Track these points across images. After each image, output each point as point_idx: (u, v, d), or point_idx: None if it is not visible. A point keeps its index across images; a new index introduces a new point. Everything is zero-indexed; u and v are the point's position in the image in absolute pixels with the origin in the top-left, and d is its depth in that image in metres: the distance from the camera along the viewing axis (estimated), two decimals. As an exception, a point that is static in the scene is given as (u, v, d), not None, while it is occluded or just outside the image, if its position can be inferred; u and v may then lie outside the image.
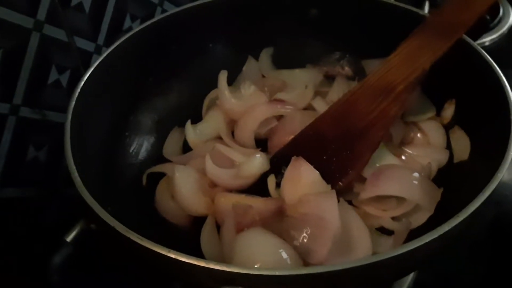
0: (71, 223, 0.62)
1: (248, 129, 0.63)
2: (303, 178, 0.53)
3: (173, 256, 0.38)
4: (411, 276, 0.56)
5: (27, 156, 0.64)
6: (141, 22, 0.76)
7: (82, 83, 0.55)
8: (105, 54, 0.59)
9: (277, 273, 0.37)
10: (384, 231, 0.53)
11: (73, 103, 0.52)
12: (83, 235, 0.43)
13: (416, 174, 0.52)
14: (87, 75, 0.56)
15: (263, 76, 0.72)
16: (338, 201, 0.50)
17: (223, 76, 0.64)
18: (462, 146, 0.58)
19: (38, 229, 0.65)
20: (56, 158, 0.68)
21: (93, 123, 0.55)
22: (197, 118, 0.67)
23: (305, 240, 0.49)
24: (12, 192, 0.62)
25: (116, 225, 0.40)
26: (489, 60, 0.55)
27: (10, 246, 0.62)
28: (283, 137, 0.61)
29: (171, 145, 0.65)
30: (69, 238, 0.42)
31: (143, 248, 0.39)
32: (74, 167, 0.45)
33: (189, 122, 0.65)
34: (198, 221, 0.55)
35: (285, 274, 0.37)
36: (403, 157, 0.58)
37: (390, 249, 0.49)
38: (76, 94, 0.54)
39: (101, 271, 0.52)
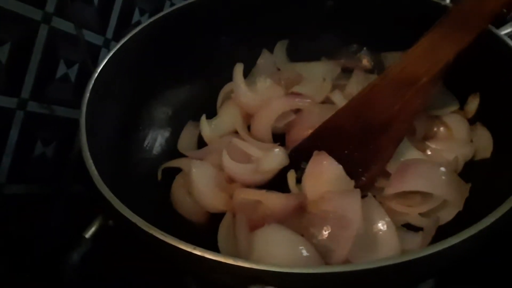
0: (78, 220, 0.61)
1: (265, 123, 0.61)
2: (325, 173, 0.52)
3: (198, 253, 0.36)
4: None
5: (35, 152, 0.63)
6: (150, 16, 0.75)
7: (94, 77, 0.54)
8: (115, 49, 0.58)
9: (306, 271, 0.36)
10: (410, 228, 0.52)
11: (87, 97, 0.51)
12: (101, 232, 0.41)
13: (443, 169, 0.51)
14: (100, 68, 0.55)
15: (278, 69, 0.70)
16: (363, 197, 0.48)
17: (239, 69, 0.62)
18: (485, 143, 0.57)
19: (44, 226, 0.64)
20: (64, 155, 0.67)
21: (107, 118, 0.54)
22: (211, 112, 0.66)
23: (325, 239, 0.47)
24: (19, 189, 0.61)
25: (137, 221, 0.38)
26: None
27: (16, 243, 0.61)
28: (302, 131, 0.59)
29: (186, 139, 0.63)
30: (88, 235, 0.40)
31: (166, 245, 0.37)
32: (92, 162, 0.43)
33: (203, 117, 0.63)
34: (215, 217, 0.54)
35: (314, 272, 0.36)
36: (429, 152, 0.57)
37: (419, 247, 0.48)
38: (89, 88, 0.52)
39: (115, 268, 0.51)
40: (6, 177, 0.58)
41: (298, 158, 0.56)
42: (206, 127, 0.63)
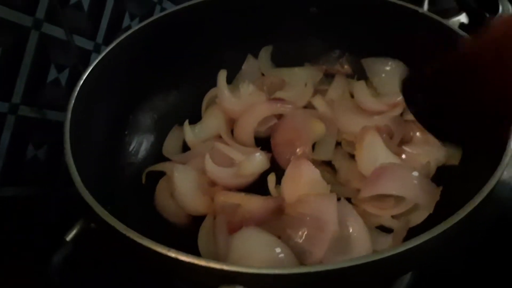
0: (71, 222, 0.63)
1: (247, 128, 0.63)
2: (303, 177, 0.53)
3: (173, 255, 0.38)
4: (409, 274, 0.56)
5: (27, 155, 0.64)
6: (140, 21, 0.76)
7: (81, 81, 0.55)
8: (104, 53, 0.59)
9: (275, 271, 0.37)
10: (383, 229, 0.53)
11: (73, 102, 0.52)
12: (83, 234, 0.42)
13: (415, 174, 0.52)
14: (86, 73, 0.56)
15: (263, 74, 0.72)
16: (339, 199, 0.50)
17: (222, 76, 0.64)
18: (455, 150, 0.58)
19: (37, 228, 0.65)
20: (56, 157, 0.68)
21: (93, 122, 0.55)
22: (196, 117, 0.67)
23: (301, 240, 0.49)
24: (11, 191, 0.62)
25: (116, 224, 0.40)
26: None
27: (9, 245, 0.62)
28: (285, 135, 0.61)
29: (170, 143, 0.64)
30: (69, 237, 0.42)
31: (143, 247, 0.39)
32: (74, 166, 0.45)
33: (187, 122, 0.65)
34: (197, 220, 0.55)
35: (283, 273, 0.37)
36: (404, 156, 0.58)
37: (389, 247, 0.49)
38: (76, 93, 0.53)
39: (101, 270, 0.52)
40: (-2, 180, 0.59)
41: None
42: (189, 133, 0.64)
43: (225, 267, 0.37)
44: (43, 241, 0.64)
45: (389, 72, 0.65)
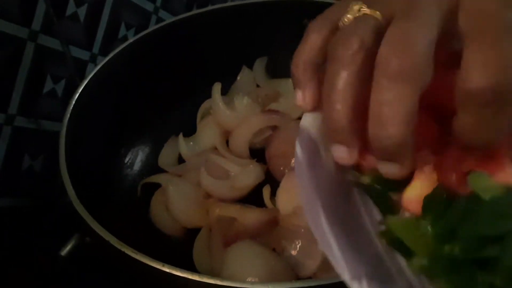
0: (67, 233, 0.63)
1: (242, 140, 0.63)
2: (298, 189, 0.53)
3: (167, 270, 0.38)
4: None
5: (22, 166, 0.64)
6: (136, 31, 0.77)
7: (78, 94, 0.55)
8: (101, 64, 0.59)
9: (269, 287, 0.37)
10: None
11: (68, 114, 0.53)
12: (78, 249, 0.43)
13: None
14: (83, 85, 0.56)
15: (258, 86, 0.72)
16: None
17: (217, 88, 0.64)
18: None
19: (33, 239, 0.66)
20: (51, 168, 0.68)
21: (88, 134, 0.55)
22: (192, 128, 0.68)
23: (296, 252, 0.50)
24: (7, 202, 0.62)
25: (110, 239, 0.40)
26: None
27: (5, 256, 0.62)
28: (280, 147, 0.61)
29: (166, 155, 0.65)
30: (63, 252, 0.42)
31: (138, 262, 0.39)
32: (69, 180, 0.45)
33: (181, 135, 0.65)
34: (192, 232, 0.55)
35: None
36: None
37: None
38: (72, 105, 0.54)
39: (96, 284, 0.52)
40: (-6, 191, 0.59)
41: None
42: (184, 146, 0.64)
43: (219, 282, 0.37)
44: (38, 251, 0.65)
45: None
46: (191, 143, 0.65)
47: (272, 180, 0.59)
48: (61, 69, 0.67)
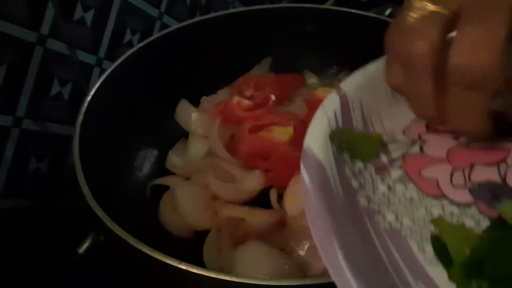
0: (72, 234, 0.63)
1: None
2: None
3: (183, 267, 0.39)
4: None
5: (29, 168, 0.65)
6: (141, 36, 0.78)
7: (89, 97, 0.56)
8: (110, 69, 0.60)
9: (284, 283, 0.38)
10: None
11: (81, 117, 0.53)
12: (95, 246, 0.44)
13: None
14: (94, 89, 0.57)
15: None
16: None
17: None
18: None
19: (38, 240, 0.66)
20: (57, 170, 0.69)
21: (99, 136, 0.56)
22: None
23: (304, 253, 0.50)
24: (13, 203, 0.63)
25: (127, 237, 0.41)
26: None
27: (11, 256, 0.62)
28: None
29: (174, 157, 0.65)
30: (81, 250, 0.43)
31: (154, 260, 0.40)
32: (84, 180, 0.46)
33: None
34: (201, 233, 0.56)
35: (292, 285, 0.38)
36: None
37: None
38: (84, 108, 0.55)
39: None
40: (2, 192, 0.60)
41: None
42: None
43: (235, 279, 0.38)
44: (44, 252, 0.66)
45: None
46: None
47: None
48: (68, 73, 0.68)
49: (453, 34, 0.31)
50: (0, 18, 0.55)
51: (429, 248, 0.34)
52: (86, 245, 0.44)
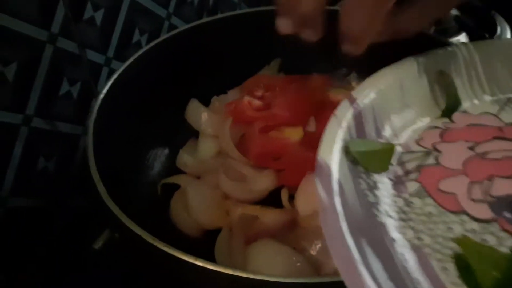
0: (76, 233, 0.63)
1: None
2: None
3: (200, 264, 0.39)
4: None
5: (37, 166, 0.65)
6: (149, 36, 0.79)
7: (102, 95, 0.56)
8: (121, 70, 0.60)
9: (301, 280, 0.38)
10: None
11: (94, 115, 0.53)
12: (110, 243, 0.44)
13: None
14: (107, 87, 0.57)
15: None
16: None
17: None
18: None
19: (43, 239, 0.66)
20: (64, 169, 0.69)
21: (111, 134, 0.56)
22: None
23: (315, 252, 0.50)
24: (22, 202, 0.63)
25: (143, 234, 0.41)
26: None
27: (18, 255, 0.63)
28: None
29: (185, 156, 0.65)
30: (97, 246, 0.43)
31: (170, 256, 0.40)
32: (99, 178, 0.46)
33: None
34: (211, 232, 0.56)
35: (309, 282, 0.38)
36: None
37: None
38: (97, 106, 0.55)
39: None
40: (10, 191, 0.60)
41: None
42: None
43: (253, 276, 0.38)
44: (49, 251, 0.66)
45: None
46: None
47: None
48: (77, 72, 0.68)
49: None
50: (12, 16, 0.56)
51: (451, 267, 0.33)
52: (101, 241, 0.44)
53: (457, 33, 0.86)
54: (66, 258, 0.63)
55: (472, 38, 0.86)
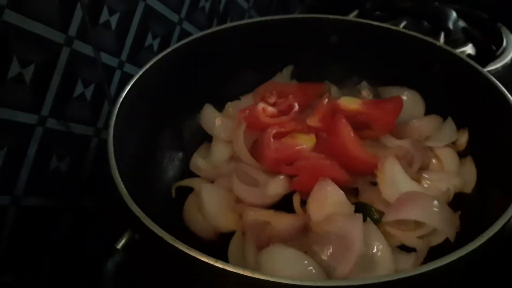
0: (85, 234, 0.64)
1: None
2: (328, 197, 0.56)
3: (220, 265, 0.40)
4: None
5: (50, 166, 0.65)
6: (161, 40, 0.79)
7: (121, 99, 0.57)
8: (138, 74, 0.61)
9: (317, 284, 0.39)
10: (403, 248, 0.56)
11: (114, 119, 0.54)
12: (132, 243, 0.44)
13: (436, 202, 0.54)
14: (125, 91, 0.58)
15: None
16: (365, 220, 0.52)
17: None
18: (469, 178, 0.61)
19: (55, 238, 0.67)
20: (75, 169, 0.70)
21: (129, 138, 0.57)
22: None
23: (327, 257, 0.51)
24: (35, 201, 0.63)
25: (163, 235, 0.42)
26: (500, 88, 0.58)
27: (31, 254, 0.63)
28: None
29: (199, 160, 0.66)
30: (119, 245, 0.44)
31: (190, 258, 0.41)
32: (120, 180, 0.47)
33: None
34: (224, 235, 0.57)
35: (324, 285, 0.40)
36: (425, 184, 0.61)
37: (411, 266, 0.52)
38: (116, 110, 0.55)
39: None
40: (23, 190, 0.61)
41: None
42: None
43: (270, 278, 0.39)
44: (60, 251, 0.66)
45: (405, 101, 0.66)
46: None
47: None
48: (91, 74, 0.68)
49: None
50: (31, 18, 0.56)
51: None
52: (123, 241, 0.44)
53: (464, 44, 0.87)
54: (75, 259, 0.63)
55: (478, 49, 0.87)
